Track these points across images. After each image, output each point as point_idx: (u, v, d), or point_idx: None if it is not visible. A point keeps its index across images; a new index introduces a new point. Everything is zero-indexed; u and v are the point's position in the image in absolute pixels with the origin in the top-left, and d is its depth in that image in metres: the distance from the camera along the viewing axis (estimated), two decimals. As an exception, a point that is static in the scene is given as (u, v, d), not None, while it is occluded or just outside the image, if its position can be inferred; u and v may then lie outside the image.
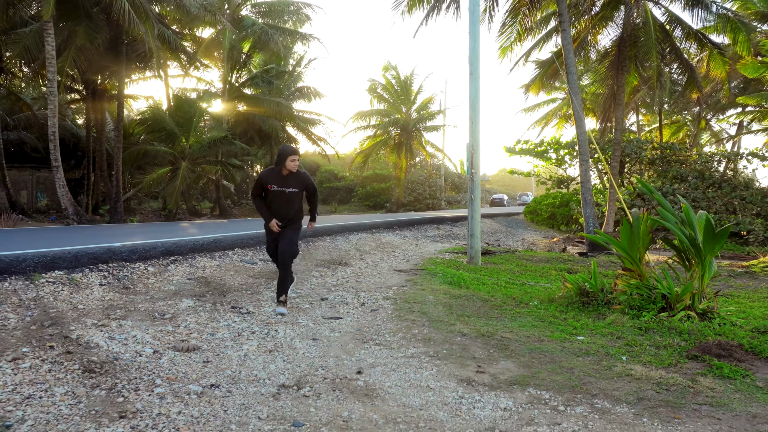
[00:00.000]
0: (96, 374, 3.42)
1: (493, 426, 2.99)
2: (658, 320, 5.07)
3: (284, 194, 5.28)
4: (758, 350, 4.24)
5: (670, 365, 4.00)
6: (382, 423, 2.98)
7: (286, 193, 5.28)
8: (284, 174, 5.26)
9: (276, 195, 5.28)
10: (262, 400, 3.24)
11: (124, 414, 2.92)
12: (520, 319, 5.32)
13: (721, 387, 3.57)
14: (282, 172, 5.25)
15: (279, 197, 5.28)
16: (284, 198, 5.29)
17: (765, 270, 9.32)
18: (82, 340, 3.98)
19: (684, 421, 3.07)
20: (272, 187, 5.24)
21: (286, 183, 5.26)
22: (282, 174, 5.26)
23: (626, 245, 5.78)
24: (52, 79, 14.77)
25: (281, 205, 5.31)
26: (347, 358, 4.08)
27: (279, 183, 5.25)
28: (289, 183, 5.27)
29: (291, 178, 5.29)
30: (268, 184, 5.25)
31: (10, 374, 3.27)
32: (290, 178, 5.28)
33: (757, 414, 3.15)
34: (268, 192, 5.28)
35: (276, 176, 5.26)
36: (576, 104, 12.75)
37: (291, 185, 5.28)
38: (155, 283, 5.93)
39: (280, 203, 5.30)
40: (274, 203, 5.31)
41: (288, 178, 5.28)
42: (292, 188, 5.29)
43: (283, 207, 5.31)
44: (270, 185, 5.24)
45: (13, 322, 4.18)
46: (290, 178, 5.29)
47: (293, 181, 5.29)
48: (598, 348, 4.38)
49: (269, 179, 5.26)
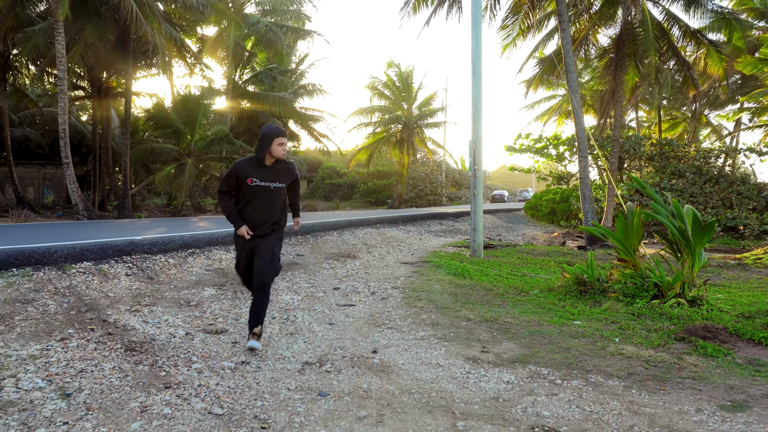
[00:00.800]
0: (137, 352, 3.78)
1: (497, 396, 3.35)
2: (650, 307, 5.42)
3: (269, 191, 3.95)
4: (741, 333, 4.60)
5: (659, 346, 4.36)
6: (398, 393, 3.34)
7: (272, 190, 3.96)
8: (268, 164, 3.95)
9: (257, 192, 3.93)
10: (289, 375, 3.59)
11: (168, 385, 3.28)
12: (521, 306, 5.68)
13: (704, 364, 3.93)
14: (265, 161, 3.93)
15: (261, 195, 3.95)
16: (268, 196, 3.96)
17: (756, 262, 9.67)
18: (119, 323, 4.33)
19: (669, 392, 3.43)
20: (253, 182, 3.90)
21: (272, 176, 3.95)
22: (265, 164, 3.94)
23: (621, 237, 6.13)
24: (62, 77, 15.09)
25: (264, 205, 3.97)
26: (362, 340, 4.44)
27: (262, 176, 3.92)
28: (275, 176, 3.96)
29: (278, 169, 3.99)
30: (247, 178, 3.90)
31: (61, 352, 3.62)
32: (277, 170, 3.98)
33: (734, 386, 3.51)
34: (244, 188, 3.94)
35: (257, 167, 3.93)
36: (575, 102, 13.07)
37: (278, 178, 3.98)
38: (177, 274, 6.28)
39: (263, 203, 3.96)
40: (254, 203, 3.96)
41: (274, 170, 3.97)
42: (279, 182, 3.99)
43: (266, 208, 3.98)
44: (250, 179, 3.89)
45: (53, 308, 4.54)
46: (277, 168, 3.99)
47: (281, 173, 4.00)
48: (593, 331, 4.74)
49: (248, 171, 3.91)
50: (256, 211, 3.98)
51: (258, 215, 3.99)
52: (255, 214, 3.99)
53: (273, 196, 4.00)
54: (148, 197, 30.65)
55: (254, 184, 3.92)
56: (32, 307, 4.41)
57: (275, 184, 3.97)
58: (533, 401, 3.27)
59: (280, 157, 3.96)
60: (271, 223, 4.03)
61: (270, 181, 3.96)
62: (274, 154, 3.93)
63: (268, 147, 3.91)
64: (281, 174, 4.01)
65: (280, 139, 3.92)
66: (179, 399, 3.11)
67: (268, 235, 4.03)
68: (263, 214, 4.00)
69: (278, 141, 3.91)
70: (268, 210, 4.01)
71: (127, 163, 19.36)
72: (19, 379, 3.15)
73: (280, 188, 4.02)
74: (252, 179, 3.91)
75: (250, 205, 3.97)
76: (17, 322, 4.07)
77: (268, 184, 3.95)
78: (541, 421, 2.99)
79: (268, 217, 4.02)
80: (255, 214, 3.98)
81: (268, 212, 4.01)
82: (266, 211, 4.00)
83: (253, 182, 3.91)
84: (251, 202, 3.97)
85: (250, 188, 3.92)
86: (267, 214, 4.01)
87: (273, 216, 4.03)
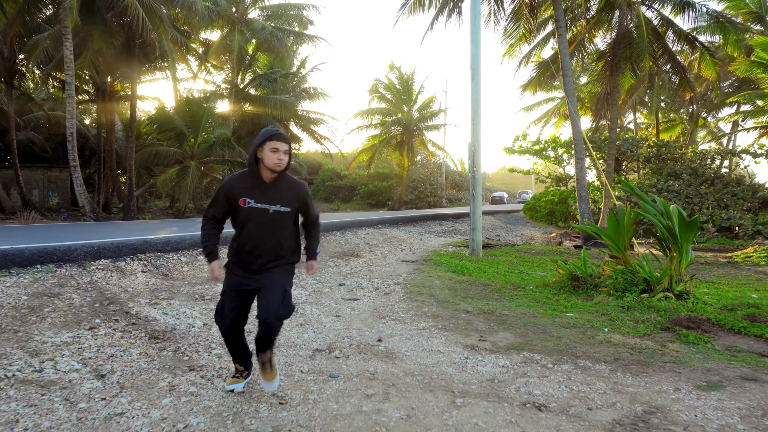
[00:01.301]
0: (161, 340, 4.08)
1: (493, 378, 3.65)
2: (639, 300, 5.73)
3: (266, 217, 2.98)
4: (723, 323, 4.90)
5: (645, 335, 4.67)
6: (402, 375, 3.65)
7: (270, 215, 2.98)
8: (266, 179, 2.99)
9: (251, 217, 2.97)
10: (301, 360, 3.90)
11: (192, 368, 3.59)
12: (517, 300, 5.99)
13: (686, 350, 4.23)
14: (262, 175, 2.99)
15: (257, 222, 2.98)
16: (266, 222, 2.98)
17: (746, 260, 9.98)
18: (140, 315, 4.64)
19: (651, 375, 3.73)
20: (246, 203, 2.97)
21: (271, 196, 2.99)
22: (261, 179, 2.99)
23: (613, 235, 6.44)
24: (70, 82, 15.41)
25: (261, 235, 2.99)
26: (368, 330, 4.74)
27: (257, 195, 2.98)
28: (275, 196, 3.00)
29: (278, 188, 3.01)
30: (238, 198, 2.97)
31: (91, 339, 3.93)
32: (277, 188, 3.01)
33: (711, 368, 3.82)
34: (237, 212, 3.01)
35: (252, 184, 3.00)
36: (571, 105, 13.40)
37: (279, 200, 3.00)
38: (189, 271, 6.59)
39: (260, 232, 2.99)
40: (247, 231, 3.00)
41: (273, 188, 3.00)
42: (281, 205, 3.00)
43: (265, 239, 3.00)
44: (242, 199, 2.97)
45: (78, 301, 4.84)
46: (276, 187, 3.01)
47: (282, 193, 3.02)
48: (584, 322, 5.05)
49: (240, 189, 2.99)
50: (251, 241, 2.98)
51: (252, 247, 2.98)
52: (248, 246, 2.99)
53: (273, 223, 2.98)
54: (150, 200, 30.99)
55: (248, 206, 2.95)
56: (59, 300, 4.71)
57: (275, 207, 2.97)
58: (526, 382, 3.57)
59: (273, 168, 2.91)
60: (277, 255, 3.04)
61: (267, 202, 2.96)
62: (267, 164, 2.90)
63: (256, 153, 2.94)
64: (284, 194, 3.00)
65: (273, 143, 2.90)
66: (203, 379, 3.42)
67: (271, 269, 3.03)
68: (260, 247, 2.98)
69: (271, 145, 2.90)
70: (268, 241, 2.98)
71: (132, 165, 19.69)
72: (56, 362, 3.46)
73: (283, 213, 2.99)
74: (245, 200, 2.95)
75: (246, 234, 3.00)
76: (47, 313, 4.38)
77: (265, 207, 2.96)
78: (532, 399, 3.29)
79: (269, 251, 3.00)
80: (249, 245, 2.99)
81: (268, 244, 2.99)
82: (264, 242, 2.98)
83: (246, 203, 2.95)
84: (245, 230, 2.99)
85: (242, 211, 2.97)
86: (266, 246, 2.99)
87: (276, 251, 3.02)
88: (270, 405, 3.09)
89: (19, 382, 3.15)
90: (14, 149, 19.98)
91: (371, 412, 3.03)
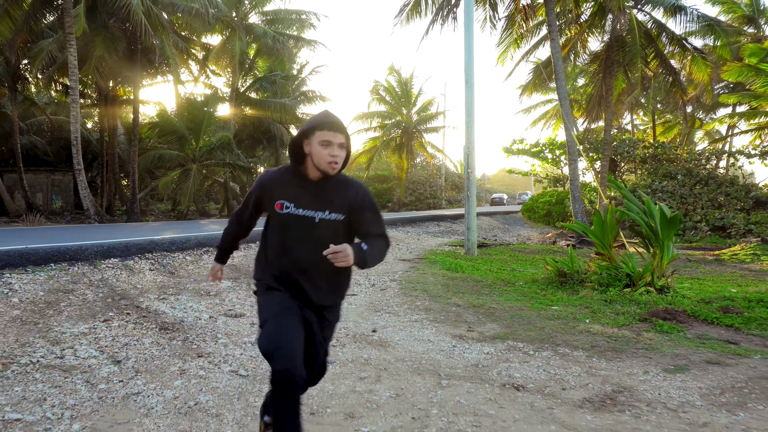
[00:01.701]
0: (170, 331, 4.40)
1: (477, 363, 3.96)
2: (622, 294, 6.03)
3: (311, 226, 2.18)
4: (698, 314, 5.21)
5: (624, 325, 4.97)
6: (394, 361, 3.95)
7: (316, 224, 2.18)
8: (314, 177, 2.20)
9: (289, 226, 2.20)
10: (301, 348, 4.21)
11: (200, 354, 3.90)
12: (506, 295, 6.30)
13: (659, 338, 4.54)
14: (307, 172, 2.20)
15: (297, 231, 2.20)
16: (310, 234, 2.18)
17: (733, 257, 10.28)
18: (150, 309, 4.95)
19: (623, 360, 4.04)
20: (283, 208, 2.19)
21: (319, 199, 2.19)
22: (307, 178, 2.20)
23: (598, 233, 6.75)
24: (74, 87, 15.76)
25: (302, 249, 2.19)
26: (363, 322, 5.05)
27: (300, 198, 2.20)
28: (324, 199, 2.19)
29: (327, 190, 2.21)
30: (275, 200, 2.21)
31: (106, 330, 4.24)
32: (325, 190, 2.20)
33: (680, 354, 4.12)
34: (273, 217, 2.26)
35: (294, 183, 2.22)
36: (564, 108, 13.72)
37: (329, 205, 2.19)
38: (194, 269, 6.90)
39: (301, 246, 2.19)
40: (285, 244, 2.21)
41: (324, 189, 2.20)
42: (332, 211, 2.19)
43: (307, 254, 2.18)
44: (279, 202, 2.20)
45: (91, 297, 5.16)
46: (326, 188, 2.21)
47: (333, 197, 2.20)
48: (567, 314, 5.35)
49: (278, 189, 2.23)
50: (293, 252, 2.17)
51: (295, 262, 2.17)
52: (285, 261, 2.18)
53: (319, 234, 2.14)
54: (152, 203, 31.33)
55: (285, 211, 2.16)
56: (73, 296, 5.03)
57: (323, 213, 2.15)
58: (507, 366, 3.88)
59: (326, 169, 2.10)
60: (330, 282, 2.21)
61: (313, 207, 2.15)
62: (318, 163, 2.10)
63: (302, 146, 2.15)
64: (336, 197, 2.17)
65: (324, 134, 2.08)
66: (211, 364, 3.73)
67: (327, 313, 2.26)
68: (301, 264, 2.16)
69: (321, 137, 2.08)
70: (311, 257, 2.14)
71: (135, 169, 20.02)
72: (76, 350, 3.77)
73: (333, 222, 2.17)
74: (282, 202, 2.17)
75: (280, 246, 2.19)
76: (63, 307, 4.69)
77: (311, 214, 2.15)
78: (511, 381, 3.60)
79: (311, 268, 2.17)
80: (285, 260, 2.18)
81: (310, 260, 2.14)
82: (307, 259, 2.15)
83: (284, 208, 2.16)
84: (280, 240, 2.19)
85: (279, 217, 2.18)
86: (308, 262, 2.15)
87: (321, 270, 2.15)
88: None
89: (44, 366, 3.46)
90: (18, 153, 20.32)
91: (364, 391, 3.34)
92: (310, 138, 2.13)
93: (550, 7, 13.89)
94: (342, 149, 2.14)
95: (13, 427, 2.67)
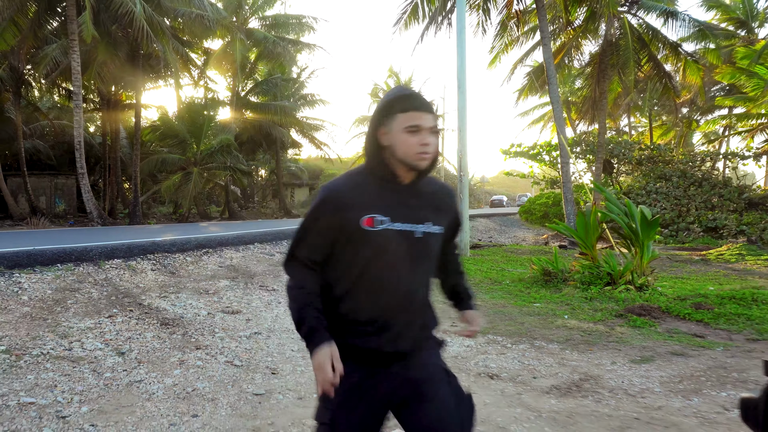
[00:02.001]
0: (170, 326, 4.68)
1: (457, 355, 4.24)
2: (602, 292, 6.31)
3: (412, 244, 1.47)
4: (671, 310, 5.48)
5: (599, 321, 5.25)
6: (379, 353, 4.24)
7: (418, 241, 1.48)
8: (403, 179, 1.50)
9: (390, 245, 1.44)
10: (292, 341, 4.50)
11: (198, 347, 4.19)
12: (492, 293, 6.58)
13: (630, 332, 4.82)
14: (396, 173, 1.49)
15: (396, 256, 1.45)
16: (413, 254, 1.47)
17: (718, 257, 10.54)
18: (152, 306, 5.24)
19: (594, 352, 4.32)
20: (376, 224, 1.43)
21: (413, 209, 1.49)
22: (395, 181, 1.50)
23: (582, 233, 7.03)
24: (77, 92, 16.09)
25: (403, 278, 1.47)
26: (353, 318, 5.34)
27: (393, 210, 1.46)
28: (420, 208, 1.51)
29: (423, 194, 1.54)
30: (360, 217, 1.42)
31: (110, 325, 4.53)
32: (422, 194, 1.53)
33: (647, 346, 4.40)
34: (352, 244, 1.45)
35: (376, 190, 1.48)
36: (557, 111, 14.00)
37: (428, 215, 1.51)
38: (194, 270, 7.19)
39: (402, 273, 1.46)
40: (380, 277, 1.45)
41: (415, 194, 1.52)
42: (433, 224, 1.52)
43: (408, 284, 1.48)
44: (368, 218, 1.42)
45: (96, 295, 5.45)
46: (421, 192, 1.53)
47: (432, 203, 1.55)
48: (548, 311, 5.63)
49: (359, 202, 1.45)
50: (387, 291, 1.48)
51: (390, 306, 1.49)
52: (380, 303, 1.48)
53: (421, 254, 1.51)
54: (154, 206, 31.66)
55: (380, 227, 1.45)
56: (79, 294, 5.32)
57: (424, 226, 1.51)
58: (485, 358, 4.16)
59: (414, 162, 1.45)
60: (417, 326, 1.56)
61: (411, 220, 1.49)
62: (403, 156, 1.46)
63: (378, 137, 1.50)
64: (436, 204, 1.57)
65: (410, 117, 1.46)
66: (208, 356, 4.02)
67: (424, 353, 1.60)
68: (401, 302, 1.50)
69: (405, 120, 1.46)
70: (411, 287, 1.51)
71: (137, 172, 20.34)
72: (83, 343, 4.06)
73: (434, 238, 1.54)
74: (373, 217, 1.45)
75: (372, 281, 1.48)
76: (70, 304, 4.98)
77: (410, 228, 1.49)
78: (487, 370, 3.88)
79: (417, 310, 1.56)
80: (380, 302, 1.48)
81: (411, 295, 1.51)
82: (407, 292, 1.50)
83: (378, 224, 1.45)
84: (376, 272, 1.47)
85: (369, 239, 1.45)
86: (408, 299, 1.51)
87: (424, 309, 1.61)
88: (264, 375, 3.69)
89: (54, 357, 3.75)
90: (22, 157, 20.66)
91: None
92: (390, 125, 1.47)
93: (542, 13, 14.18)
94: (434, 135, 1.48)
95: (27, 410, 2.95)
